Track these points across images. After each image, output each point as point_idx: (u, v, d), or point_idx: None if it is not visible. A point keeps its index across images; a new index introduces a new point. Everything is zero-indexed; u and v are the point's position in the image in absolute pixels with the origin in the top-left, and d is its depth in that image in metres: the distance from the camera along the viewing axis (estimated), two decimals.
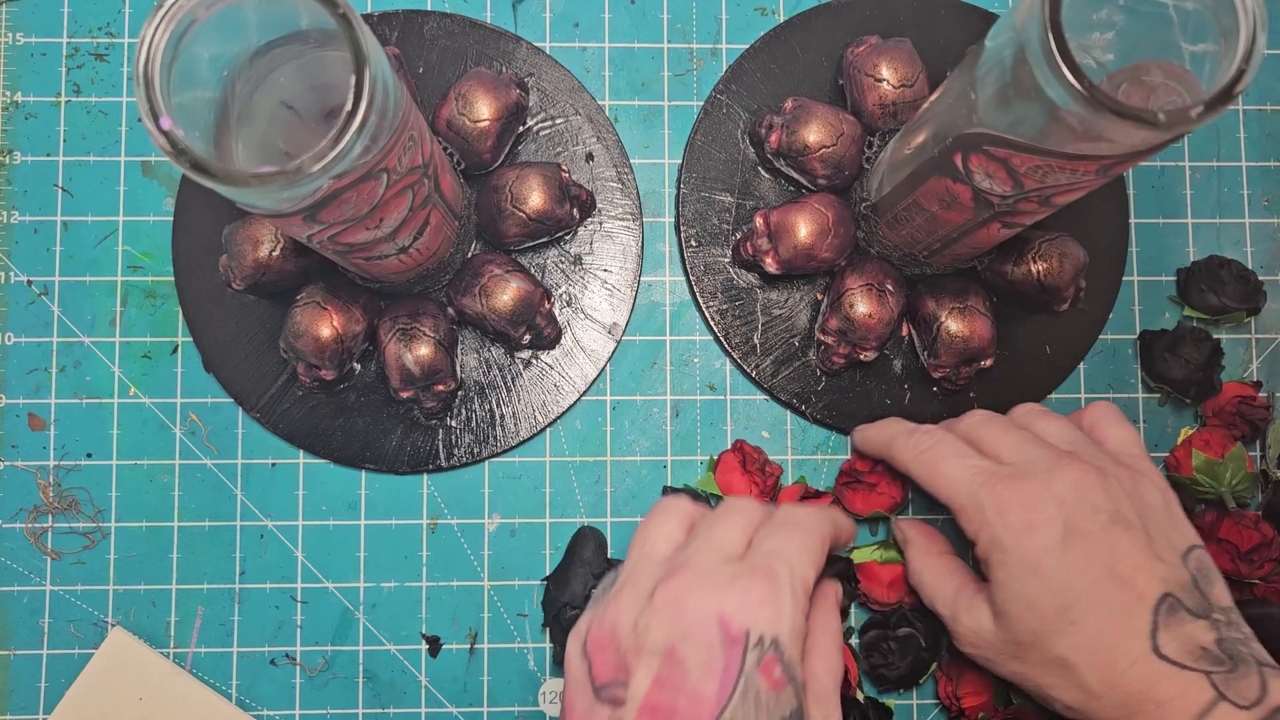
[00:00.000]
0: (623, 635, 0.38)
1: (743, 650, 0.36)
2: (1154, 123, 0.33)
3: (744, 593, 0.37)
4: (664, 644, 0.37)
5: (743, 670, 0.36)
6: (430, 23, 0.56)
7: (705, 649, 0.36)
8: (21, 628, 0.53)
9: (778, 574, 0.38)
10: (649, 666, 0.37)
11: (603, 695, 0.38)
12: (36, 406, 0.54)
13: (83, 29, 0.56)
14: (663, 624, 0.37)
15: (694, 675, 0.36)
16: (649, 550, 0.41)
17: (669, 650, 0.37)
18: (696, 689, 0.36)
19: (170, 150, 0.33)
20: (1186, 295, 0.56)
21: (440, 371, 0.51)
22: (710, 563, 0.39)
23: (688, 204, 0.56)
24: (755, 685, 0.36)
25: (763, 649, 0.37)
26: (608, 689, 0.38)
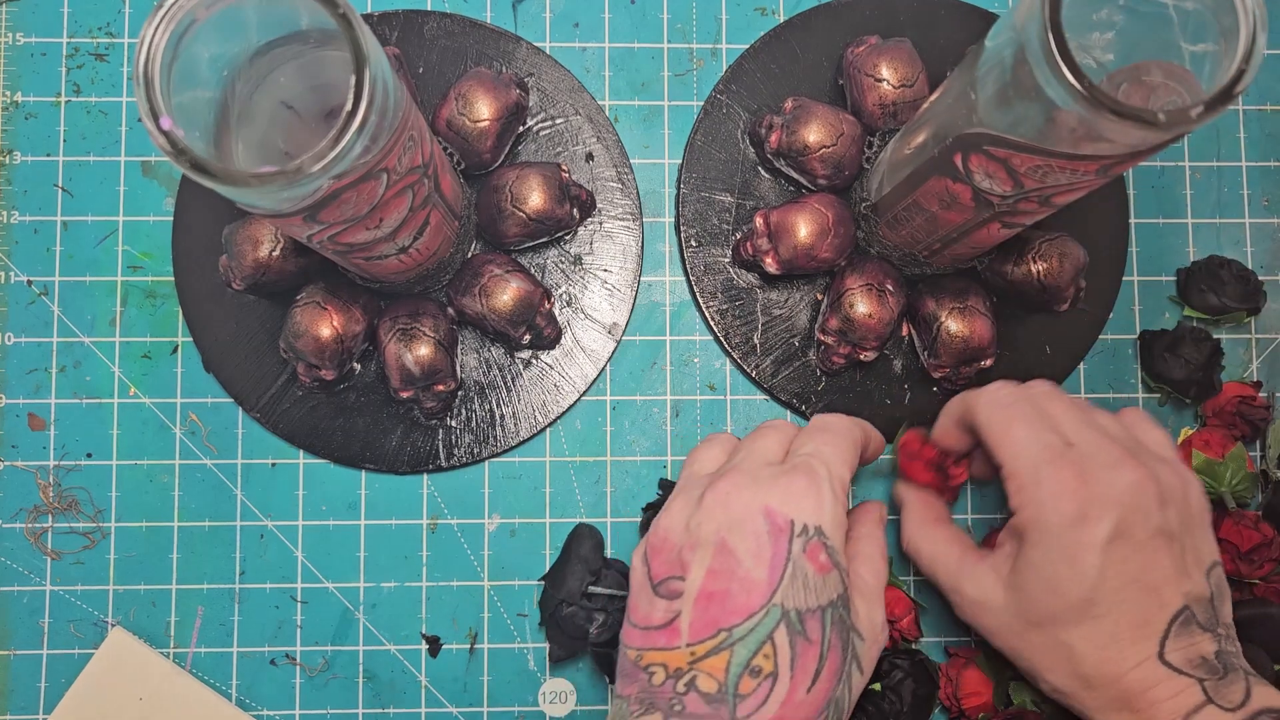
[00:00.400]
0: (676, 536, 0.42)
1: (789, 538, 0.40)
2: (1154, 123, 0.33)
3: (786, 487, 0.41)
4: (715, 537, 0.40)
5: (790, 556, 0.39)
6: (430, 23, 0.56)
7: (754, 538, 0.40)
8: (21, 628, 0.53)
9: (816, 471, 0.41)
10: (702, 559, 0.40)
11: (660, 590, 0.41)
12: (36, 406, 0.54)
13: (83, 29, 0.56)
14: (712, 520, 0.41)
15: (745, 562, 0.39)
16: (696, 469, 0.45)
17: (720, 542, 0.40)
18: (748, 574, 0.39)
19: (170, 150, 0.33)
20: (1186, 295, 0.56)
21: (440, 371, 0.51)
22: (753, 466, 0.42)
23: (688, 204, 0.56)
24: (803, 569, 0.39)
25: (807, 536, 0.40)
26: (664, 584, 0.41)
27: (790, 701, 0.38)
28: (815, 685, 0.39)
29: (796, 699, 0.38)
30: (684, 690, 0.39)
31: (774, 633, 0.39)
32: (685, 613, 0.40)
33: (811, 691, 0.39)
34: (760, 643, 0.39)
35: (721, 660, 0.39)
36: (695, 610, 0.40)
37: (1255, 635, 0.52)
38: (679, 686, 0.39)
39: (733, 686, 0.38)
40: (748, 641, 0.39)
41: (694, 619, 0.39)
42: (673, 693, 0.39)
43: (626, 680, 0.41)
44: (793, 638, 0.39)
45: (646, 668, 0.40)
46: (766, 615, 0.39)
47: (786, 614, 0.39)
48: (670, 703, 0.39)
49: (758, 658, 0.38)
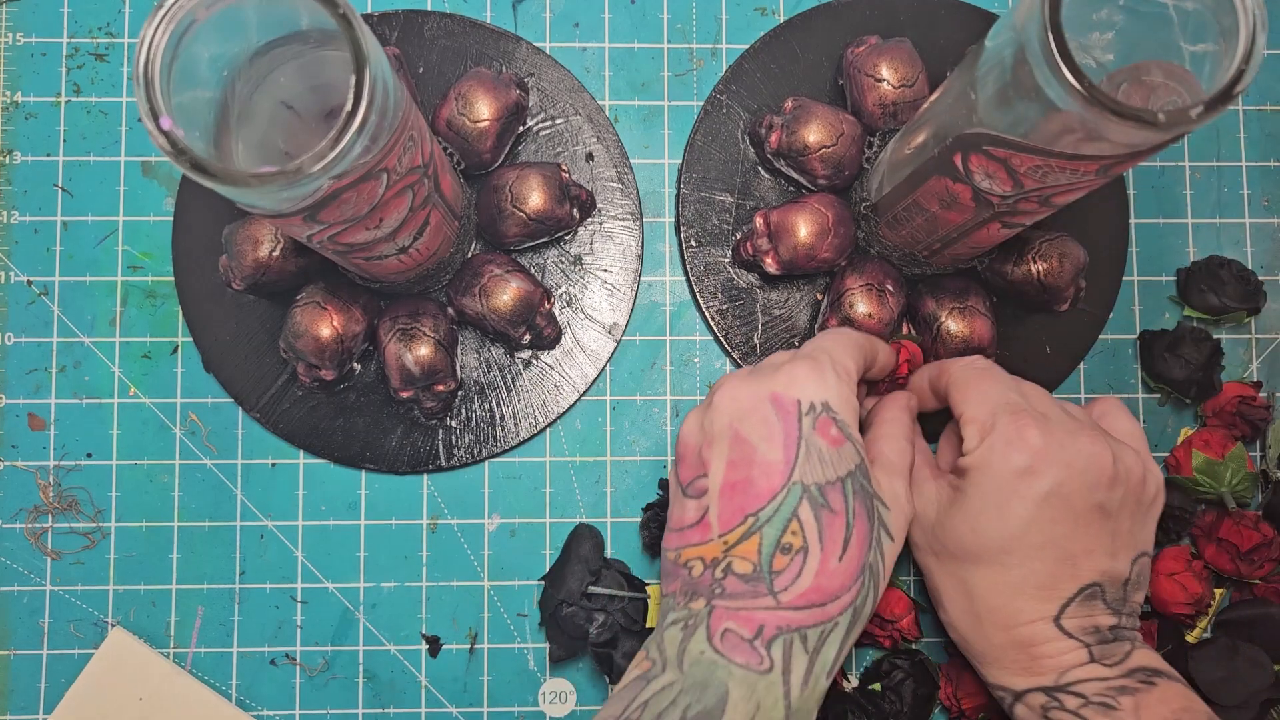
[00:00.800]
0: (694, 438, 0.44)
1: (797, 417, 0.41)
2: (1153, 123, 0.33)
3: (790, 373, 0.42)
4: (728, 430, 0.42)
5: (801, 434, 0.41)
6: (430, 23, 0.56)
7: (764, 424, 0.41)
8: (21, 628, 0.53)
9: (818, 357, 0.43)
10: (720, 452, 0.42)
11: (689, 491, 0.43)
12: (36, 406, 0.54)
13: (83, 29, 0.56)
14: (723, 415, 0.42)
15: (760, 448, 0.41)
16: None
17: (734, 434, 0.42)
18: (764, 458, 0.41)
19: (170, 150, 0.33)
20: (1186, 295, 0.56)
21: (440, 371, 0.51)
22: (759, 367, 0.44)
23: (688, 204, 0.56)
24: (816, 445, 0.41)
25: (815, 413, 0.41)
26: (691, 485, 0.43)
27: (824, 571, 0.40)
28: (846, 553, 0.40)
29: (830, 568, 0.40)
30: (722, 576, 0.40)
31: (798, 509, 0.40)
32: (713, 506, 0.42)
33: (844, 559, 0.40)
34: (786, 521, 0.40)
35: (753, 543, 0.40)
36: (721, 502, 0.41)
37: (1255, 635, 0.52)
38: (717, 574, 0.41)
39: (766, 565, 0.40)
40: (775, 522, 0.40)
41: (721, 510, 0.41)
42: (712, 580, 0.41)
43: (669, 579, 0.43)
44: (817, 511, 0.40)
45: (685, 564, 0.42)
46: (788, 494, 0.40)
47: (807, 489, 0.40)
48: (711, 588, 0.41)
49: (786, 535, 0.40)
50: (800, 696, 0.39)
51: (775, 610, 0.40)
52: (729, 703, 0.38)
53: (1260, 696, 0.51)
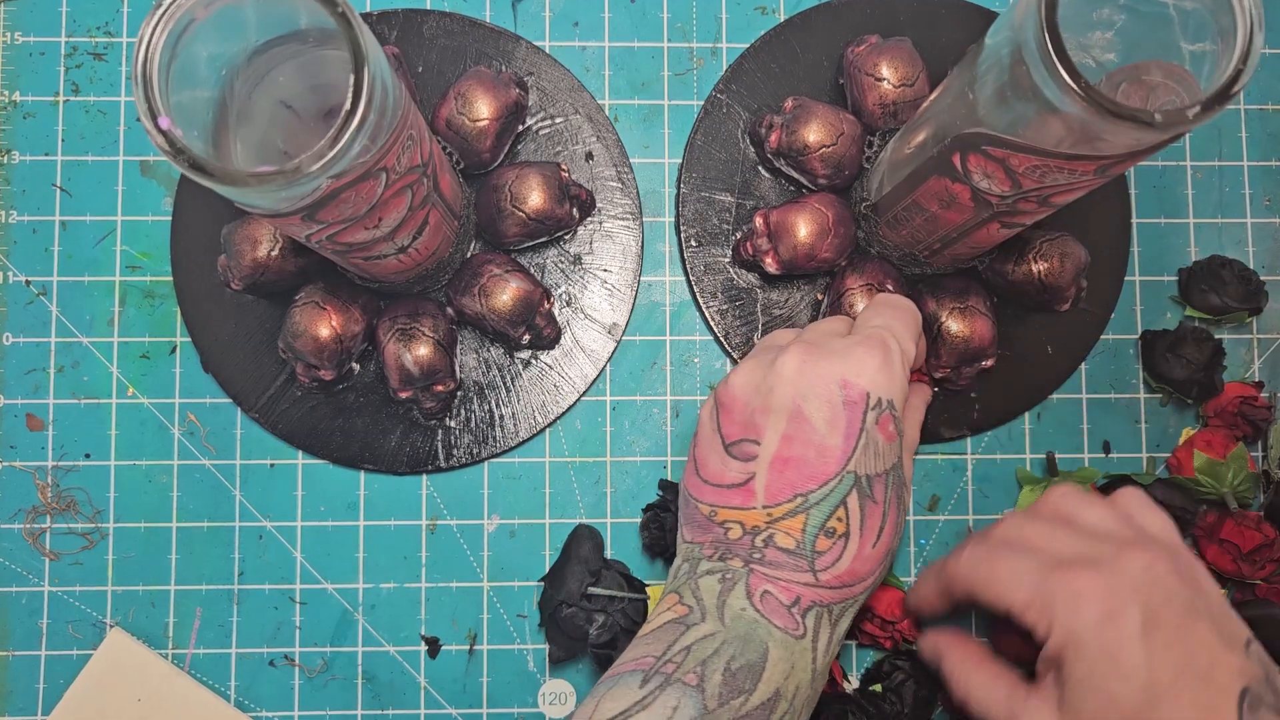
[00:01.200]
0: (748, 396, 0.43)
1: (864, 409, 0.41)
2: (1150, 123, 0.33)
3: (860, 360, 0.42)
4: (790, 403, 0.42)
5: (864, 427, 0.41)
6: (429, 22, 0.56)
7: (829, 407, 0.41)
8: (20, 628, 0.53)
9: (888, 344, 0.43)
10: (776, 423, 0.42)
11: (733, 451, 0.43)
12: (35, 407, 0.54)
13: (81, 28, 0.56)
14: (787, 386, 0.42)
15: (820, 430, 0.41)
16: (769, 340, 0.47)
17: (795, 409, 0.42)
18: (824, 442, 0.41)
19: (169, 150, 0.33)
20: (1188, 295, 0.55)
21: (439, 371, 0.51)
22: (825, 339, 0.44)
23: (688, 204, 0.55)
24: (875, 439, 0.42)
25: (880, 409, 0.42)
26: (738, 445, 0.43)
27: (859, 556, 0.41)
28: (879, 540, 0.42)
29: (865, 554, 0.41)
30: (763, 545, 0.41)
31: (847, 497, 0.41)
32: (761, 475, 0.42)
33: (876, 547, 0.42)
34: (835, 506, 0.41)
35: (798, 522, 0.41)
36: (771, 474, 0.41)
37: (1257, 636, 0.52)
38: (757, 542, 0.41)
39: (810, 544, 0.41)
40: (823, 506, 0.41)
41: (770, 482, 0.41)
42: (751, 546, 0.41)
43: (698, 530, 0.43)
44: (863, 501, 0.41)
45: (723, 524, 0.42)
46: (841, 482, 0.41)
47: (859, 480, 0.41)
48: (750, 553, 0.41)
49: (832, 520, 0.41)
50: (823, 663, 0.41)
51: (812, 586, 0.41)
52: (769, 660, 0.39)
53: None
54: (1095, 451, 0.55)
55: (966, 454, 0.55)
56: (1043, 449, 0.55)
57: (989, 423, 0.55)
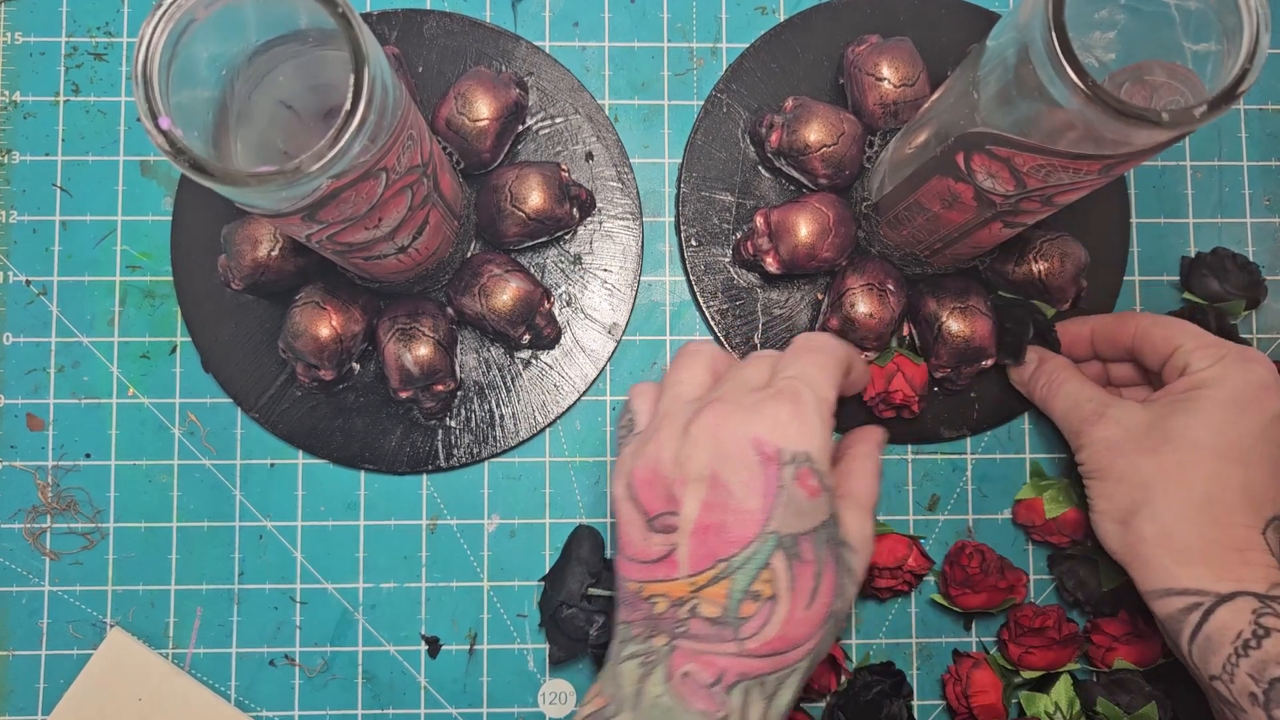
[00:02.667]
0: (666, 469, 0.41)
1: (779, 466, 0.40)
2: (1157, 122, 0.33)
3: (773, 415, 0.41)
4: (706, 470, 0.40)
5: (782, 484, 0.40)
6: (430, 22, 0.55)
7: (745, 469, 0.40)
8: (20, 628, 0.53)
9: (800, 394, 0.41)
10: (695, 492, 0.40)
11: (655, 525, 0.41)
12: (35, 406, 0.54)
13: (81, 28, 0.56)
14: (702, 453, 0.41)
15: (738, 494, 0.40)
16: (680, 391, 0.44)
17: (712, 475, 0.40)
18: (741, 506, 0.40)
19: (169, 150, 0.33)
20: (1189, 281, 0.55)
21: (440, 371, 0.51)
22: (738, 394, 0.42)
23: (688, 203, 0.55)
24: (795, 496, 0.40)
25: (797, 464, 0.40)
26: (659, 519, 0.41)
27: (791, 620, 0.39)
28: (814, 602, 0.40)
29: (797, 617, 0.40)
30: (687, 616, 0.40)
31: (771, 558, 0.40)
32: (682, 545, 0.40)
33: (811, 608, 0.40)
34: (758, 569, 0.39)
35: (722, 588, 0.40)
36: (692, 543, 0.40)
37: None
38: (681, 613, 0.40)
39: (734, 611, 0.39)
40: (746, 569, 0.40)
41: (692, 551, 0.40)
42: (676, 619, 0.40)
43: (628, 609, 0.42)
44: (789, 561, 0.40)
45: (649, 598, 0.41)
46: (763, 543, 0.40)
47: (781, 540, 0.40)
48: (674, 627, 0.40)
49: (757, 583, 0.39)
50: None
51: (738, 657, 0.39)
52: None
53: None
54: None
55: (966, 454, 0.55)
56: (1042, 449, 0.56)
57: (989, 422, 0.55)
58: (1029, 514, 0.54)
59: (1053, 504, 0.53)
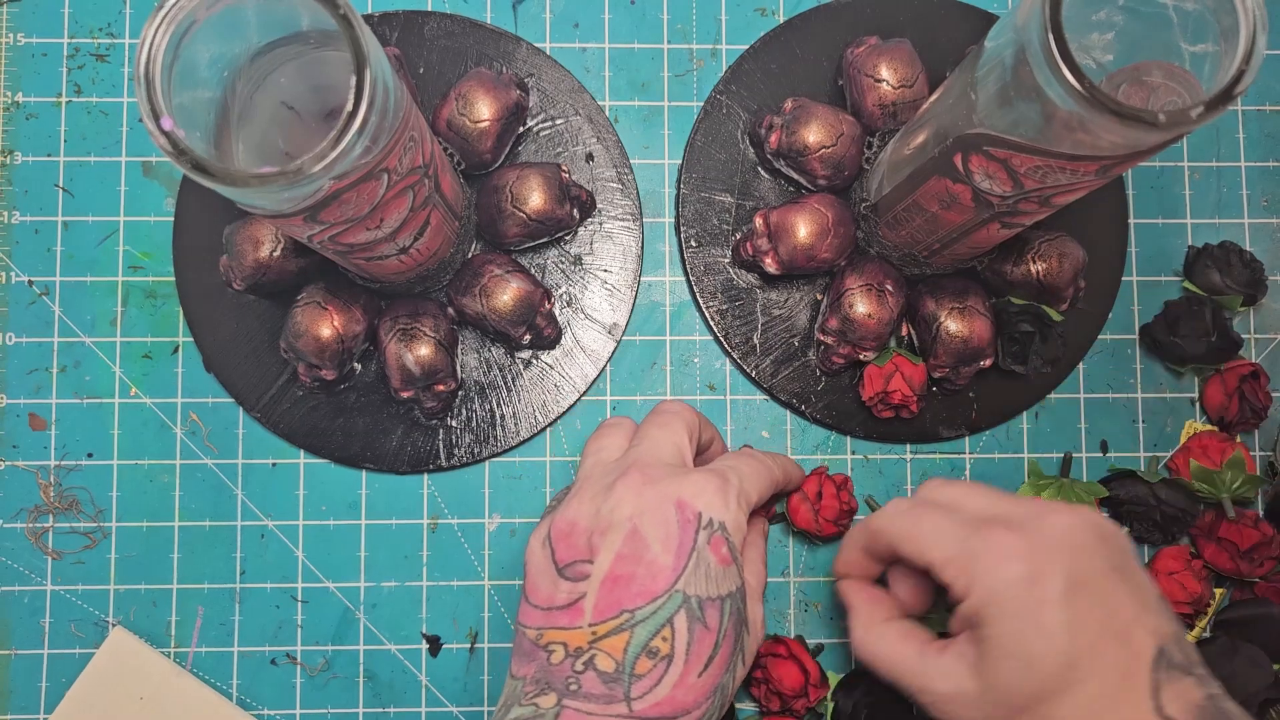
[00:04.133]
0: (586, 521, 0.42)
1: (696, 529, 0.41)
2: (1154, 123, 0.33)
3: (698, 484, 0.42)
4: (627, 522, 0.41)
5: (695, 545, 0.41)
6: (430, 23, 0.56)
7: (663, 525, 0.41)
8: (22, 627, 0.53)
9: (728, 477, 0.43)
10: (612, 543, 0.41)
11: (566, 574, 0.41)
12: (37, 406, 0.54)
13: (83, 29, 0.56)
14: (625, 506, 0.41)
15: (653, 548, 0.40)
16: (603, 456, 0.46)
17: (632, 528, 0.41)
18: (655, 559, 0.40)
19: (171, 150, 0.34)
20: (1191, 271, 0.56)
21: (440, 371, 0.51)
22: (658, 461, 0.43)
23: (688, 204, 0.56)
24: (706, 559, 0.40)
25: (712, 529, 0.41)
26: (571, 567, 0.41)
27: (682, 684, 0.39)
28: (707, 670, 0.40)
29: (688, 682, 0.39)
30: (581, 669, 0.39)
31: (674, 617, 0.40)
32: (591, 593, 0.40)
33: (703, 676, 0.40)
34: (660, 625, 0.39)
35: (621, 640, 0.39)
36: (601, 591, 0.40)
37: (1255, 635, 0.52)
38: (577, 665, 0.39)
39: (629, 666, 0.39)
40: (648, 623, 0.39)
41: (599, 600, 0.40)
42: (570, 671, 0.39)
43: (524, 660, 0.41)
44: (692, 623, 0.40)
45: (546, 646, 0.40)
46: (669, 599, 0.40)
47: (688, 600, 0.40)
48: (567, 681, 0.39)
49: (656, 640, 0.39)
50: None
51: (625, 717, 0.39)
52: None
53: (1260, 696, 0.51)
54: (1093, 451, 0.56)
55: (965, 453, 0.55)
56: (1041, 449, 0.56)
57: (987, 422, 0.55)
58: None
59: None
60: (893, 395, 0.52)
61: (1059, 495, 0.53)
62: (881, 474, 0.55)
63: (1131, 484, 0.53)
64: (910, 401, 0.52)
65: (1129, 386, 0.56)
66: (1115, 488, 0.54)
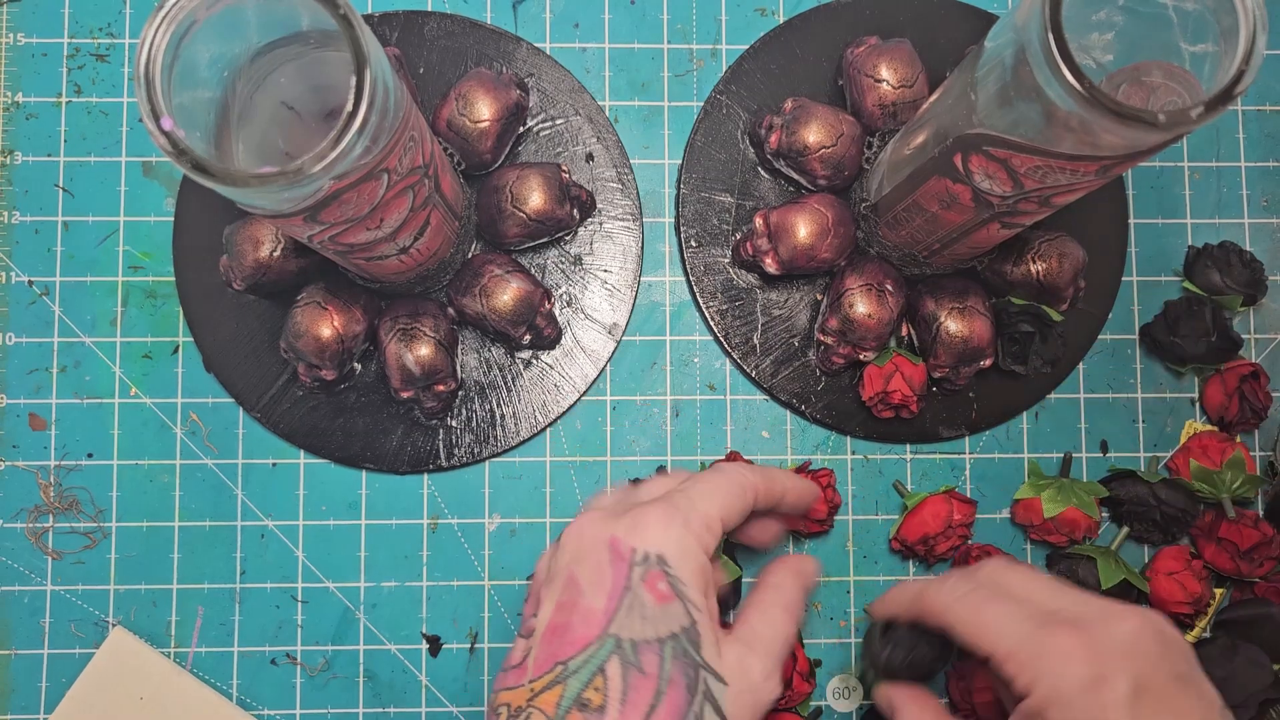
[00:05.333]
0: (540, 575, 0.41)
1: (629, 566, 0.38)
2: (1154, 123, 0.33)
3: (636, 518, 0.39)
4: (566, 571, 0.39)
5: (629, 585, 0.38)
6: (430, 23, 0.56)
7: (596, 568, 0.38)
8: (22, 627, 0.53)
9: (674, 503, 0.39)
10: (552, 594, 0.39)
11: (522, 631, 0.40)
12: (37, 406, 0.54)
13: (84, 29, 0.56)
14: (564, 555, 0.40)
15: (587, 593, 0.38)
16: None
17: (570, 576, 0.39)
18: (589, 605, 0.38)
19: (171, 151, 0.34)
20: (1191, 271, 0.56)
21: (440, 371, 0.51)
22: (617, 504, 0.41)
23: (688, 204, 0.56)
24: (640, 598, 0.38)
25: (648, 564, 0.38)
26: (525, 624, 0.41)
27: None
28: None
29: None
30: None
31: (606, 664, 0.37)
32: (534, 649, 0.38)
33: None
34: (592, 675, 0.37)
35: (555, 695, 0.37)
36: (541, 645, 0.38)
37: (1255, 635, 0.52)
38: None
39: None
40: (580, 674, 0.37)
41: (539, 654, 0.38)
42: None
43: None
44: (625, 669, 0.37)
45: (496, 709, 0.38)
46: (600, 646, 0.37)
47: (620, 644, 0.37)
48: None
49: (588, 690, 0.37)
50: None
51: None
52: None
53: (1259, 696, 0.51)
54: (1093, 451, 0.56)
55: (965, 453, 0.55)
56: (1041, 449, 0.56)
57: (987, 422, 0.55)
58: (1027, 513, 0.54)
59: (1051, 503, 0.53)
60: (893, 395, 0.52)
61: (1059, 495, 0.53)
62: (881, 474, 0.55)
63: (1131, 484, 0.53)
64: (910, 401, 0.52)
65: (1129, 386, 0.56)
66: (1115, 488, 0.54)
